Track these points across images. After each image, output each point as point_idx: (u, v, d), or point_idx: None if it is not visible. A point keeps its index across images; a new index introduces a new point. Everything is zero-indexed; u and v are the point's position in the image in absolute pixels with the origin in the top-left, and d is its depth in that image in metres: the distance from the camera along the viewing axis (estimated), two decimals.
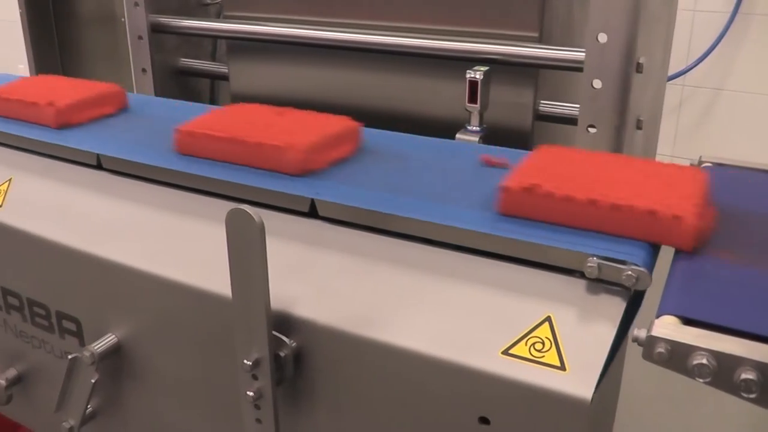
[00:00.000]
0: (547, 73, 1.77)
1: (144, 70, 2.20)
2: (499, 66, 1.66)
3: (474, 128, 1.61)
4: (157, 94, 2.19)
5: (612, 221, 0.99)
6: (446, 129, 1.60)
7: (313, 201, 1.14)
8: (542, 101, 1.78)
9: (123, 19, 2.73)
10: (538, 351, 0.88)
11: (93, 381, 1.27)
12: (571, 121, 1.74)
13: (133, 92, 2.18)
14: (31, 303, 1.42)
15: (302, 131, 1.30)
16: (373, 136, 1.41)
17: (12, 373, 1.52)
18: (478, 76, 1.58)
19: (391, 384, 0.97)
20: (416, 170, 1.27)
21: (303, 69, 2.03)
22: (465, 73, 1.60)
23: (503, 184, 1.06)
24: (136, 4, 2.14)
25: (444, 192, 1.17)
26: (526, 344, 0.89)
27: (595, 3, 1.53)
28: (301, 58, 2.02)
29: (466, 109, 1.61)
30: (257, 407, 1.02)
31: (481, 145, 1.59)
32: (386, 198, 1.13)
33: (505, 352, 0.89)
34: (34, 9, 2.71)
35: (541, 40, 1.71)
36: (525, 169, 1.11)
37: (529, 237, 0.99)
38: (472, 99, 1.59)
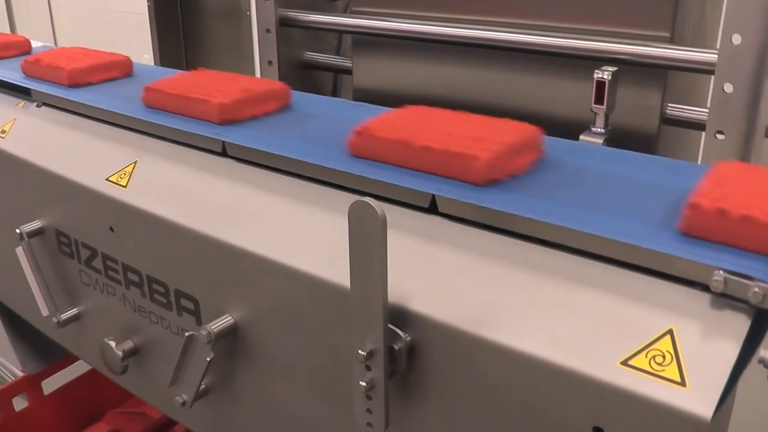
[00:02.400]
0: (675, 74, 1.72)
1: (270, 63, 2.25)
2: (626, 66, 1.62)
3: (599, 130, 1.58)
4: None
5: None
6: (570, 129, 1.56)
7: (433, 197, 1.14)
8: (669, 104, 1.73)
9: (248, 13, 2.81)
10: (659, 364, 0.86)
11: (208, 359, 1.30)
12: (698, 126, 1.69)
13: None
14: (151, 280, 1.47)
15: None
16: None
17: (129, 345, 1.60)
18: (606, 77, 1.54)
19: (503, 386, 0.96)
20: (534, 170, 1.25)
21: (427, 65, 2.03)
22: (591, 73, 1.57)
23: None
24: None
25: (565, 193, 1.15)
26: (646, 356, 0.87)
27: (731, 2, 1.48)
28: (426, 55, 2.02)
29: (592, 110, 1.57)
30: (369, 397, 1.04)
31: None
32: (509, 198, 1.12)
33: (625, 363, 0.87)
34: (162, 2, 2.81)
35: (672, 40, 1.66)
36: None
37: (655, 246, 0.97)
38: (599, 100, 1.55)
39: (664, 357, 0.87)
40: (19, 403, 2.72)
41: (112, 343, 1.59)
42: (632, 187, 1.17)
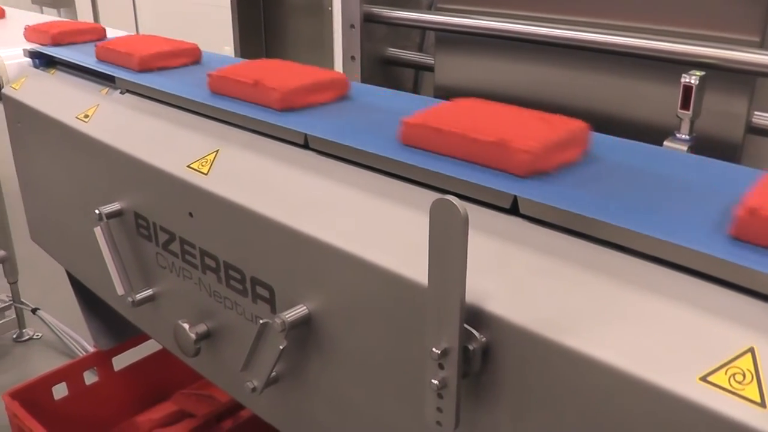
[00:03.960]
0: (763, 81, 1.67)
1: (353, 58, 2.26)
2: (713, 71, 1.58)
3: (683, 136, 1.53)
4: (363, 82, 2.25)
5: None
6: (652, 134, 1.53)
7: (515, 198, 1.12)
8: (756, 112, 1.68)
9: (329, 9, 2.82)
10: (738, 383, 0.84)
11: (281, 348, 1.32)
12: None
13: None
14: (228, 266, 1.49)
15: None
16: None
17: (202, 328, 1.62)
18: (693, 81, 1.50)
19: (578, 394, 0.94)
20: (630, 176, 1.22)
21: (509, 64, 2.01)
22: (676, 77, 1.53)
23: None
24: None
25: (650, 201, 1.12)
26: (725, 373, 0.85)
27: None
28: (509, 53, 2.00)
29: (677, 116, 1.53)
30: (440, 396, 1.03)
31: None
32: (594, 202, 1.10)
33: (704, 379, 0.85)
34: None
35: (762, 45, 1.61)
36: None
37: (737, 259, 0.94)
38: (685, 105, 1.51)
39: (744, 375, 0.84)
40: (90, 378, 2.81)
41: (186, 326, 1.62)
42: (683, 189, 1.16)
